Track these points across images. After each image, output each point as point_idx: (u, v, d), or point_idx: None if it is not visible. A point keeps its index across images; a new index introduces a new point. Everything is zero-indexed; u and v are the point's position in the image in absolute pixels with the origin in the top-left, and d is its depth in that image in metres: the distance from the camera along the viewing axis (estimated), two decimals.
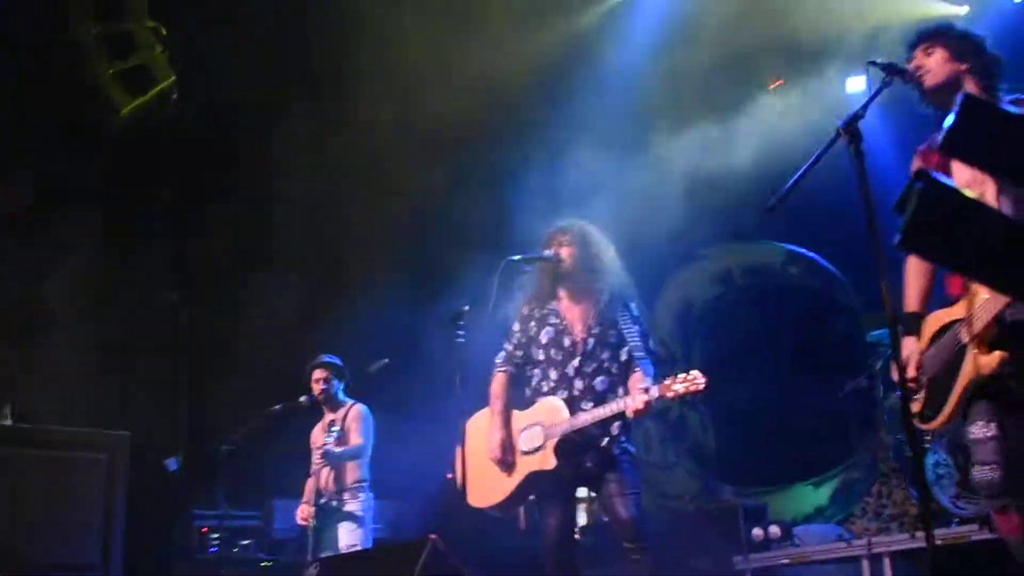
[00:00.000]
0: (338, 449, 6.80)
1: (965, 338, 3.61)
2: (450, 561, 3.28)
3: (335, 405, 7.14)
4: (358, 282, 8.61)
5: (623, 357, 5.00)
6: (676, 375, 4.62)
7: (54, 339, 7.92)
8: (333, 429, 6.84)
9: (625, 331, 4.93)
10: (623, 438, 4.95)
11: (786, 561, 6.71)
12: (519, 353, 5.22)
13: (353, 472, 6.99)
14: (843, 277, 9.37)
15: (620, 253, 5.18)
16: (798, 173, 3.34)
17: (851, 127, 3.23)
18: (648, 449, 9.63)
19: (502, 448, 5.01)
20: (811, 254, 9.65)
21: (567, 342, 5.03)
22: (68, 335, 7.97)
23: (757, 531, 7.06)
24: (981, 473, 3.64)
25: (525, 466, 4.96)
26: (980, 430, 3.65)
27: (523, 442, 5.01)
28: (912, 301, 3.89)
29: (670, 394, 4.58)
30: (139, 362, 8.51)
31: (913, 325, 3.84)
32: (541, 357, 5.10)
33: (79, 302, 8.10)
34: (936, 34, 3.76)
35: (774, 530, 7.02)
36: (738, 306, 9.89)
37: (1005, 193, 3.48)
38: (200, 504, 7.87)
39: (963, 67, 3.69)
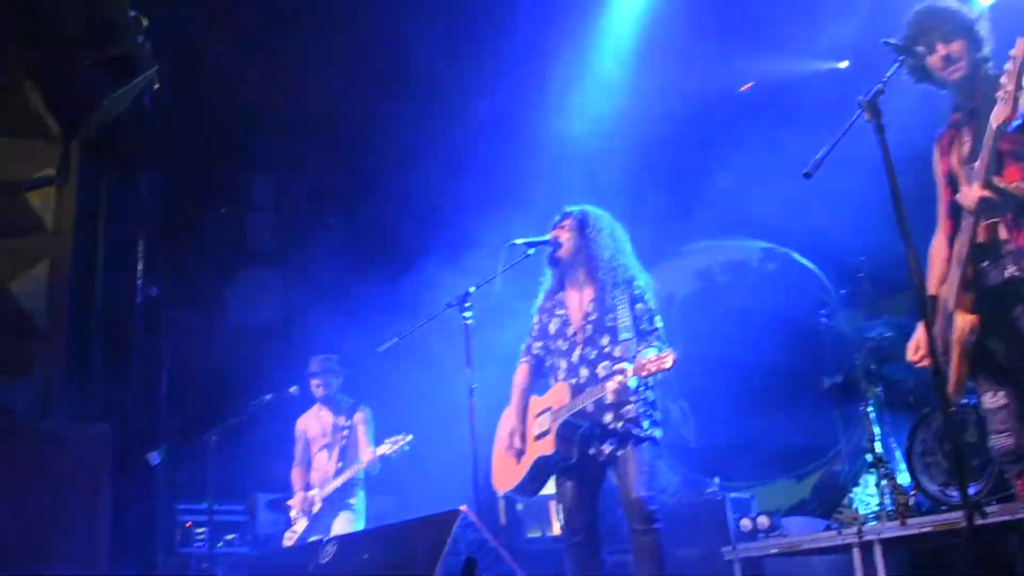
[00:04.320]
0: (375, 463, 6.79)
1: (950, 305, 3.69)
2: (481, 533, 3.26)
3: (336, 405, 7.12)
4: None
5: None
6: (648, 355, 4.64)
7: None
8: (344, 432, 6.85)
9: (620, 314, 4.93)
10: (643, 421, 4.93)
11: (775, 551, 6.74)
12: (538, 344, 5.30)
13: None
14: (821, 273, 9.47)
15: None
16: (831, 145, 3.37)
17: (872, 102, 3.28)
18: None
19: (510, 437, 5.05)
20: (787, 250, 9.76)
21: (570, 331, 5.07)
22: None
23: (745, 521, 7.10)
24: (997, 441, 3.73)
25: (534, 451, 4.99)
26: (990, 400, 3.76)
27: (536, 427, 5.05)
28: (933, 284, 3.95)
29: (644, 373, 4.59)
30: (121, 355, 8.39)
31: (931, 309, 3.89)
32: (553, 347, 5.17)
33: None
34: (959, 27, 3.81)
35: (762, 520, 7.06)
36: (718, 302, 9.97)
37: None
38: (185, 498, 7.78)
39: (982, 55, 3.77)
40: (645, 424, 4.94)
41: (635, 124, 9.03)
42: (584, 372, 4.97)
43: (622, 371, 4.64)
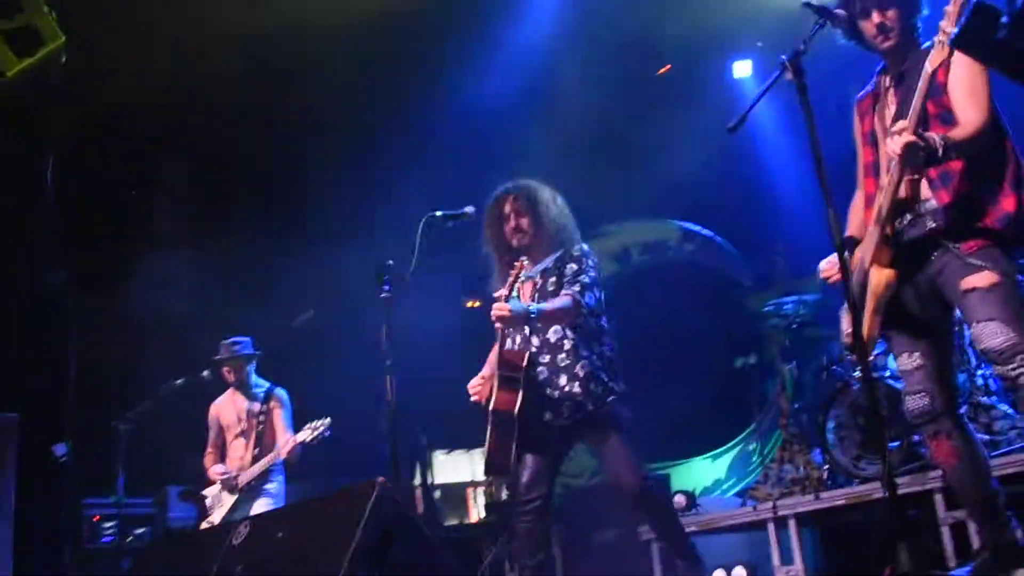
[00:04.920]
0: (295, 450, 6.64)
1: (868, 261, 3.73)
2: (399, 504, 3.19)
3: (249, 390, 6.94)
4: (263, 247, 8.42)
5: None
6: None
7: None
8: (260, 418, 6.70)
9: (561, 276, 4.87)
10: (597, 377, 4.79)
11: (693, 528, 6.77)
12: None
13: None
14: (737, 254, 9.59)
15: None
16: (753, 100, 3.39)
17: (795, 62, 3.30)
18: None
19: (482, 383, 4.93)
20: (706, 231, 9.86)
21: (521, 298, 4.96)
22: None
23: None
24: (912, 401, 3.77)
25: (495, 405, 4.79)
26: (906, 361, 3.80)
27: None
28: (852, 229, 4.01)
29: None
30: (26, 342, 8.14)
31: (851, 247, 3.91)
32: None
33: None
34: None
35: (679, 499, 7.08)
36: (635, 283, 10.04)
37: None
38: (92, 491, 7.56)
39: (914, 23, 3.80)
40: (602, 379, 4.81)
41: (551, 103, 9.04)
42: (535, 341, 4.85)
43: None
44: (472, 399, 4.93)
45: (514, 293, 4.63)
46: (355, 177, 8.72)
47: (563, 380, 4.77)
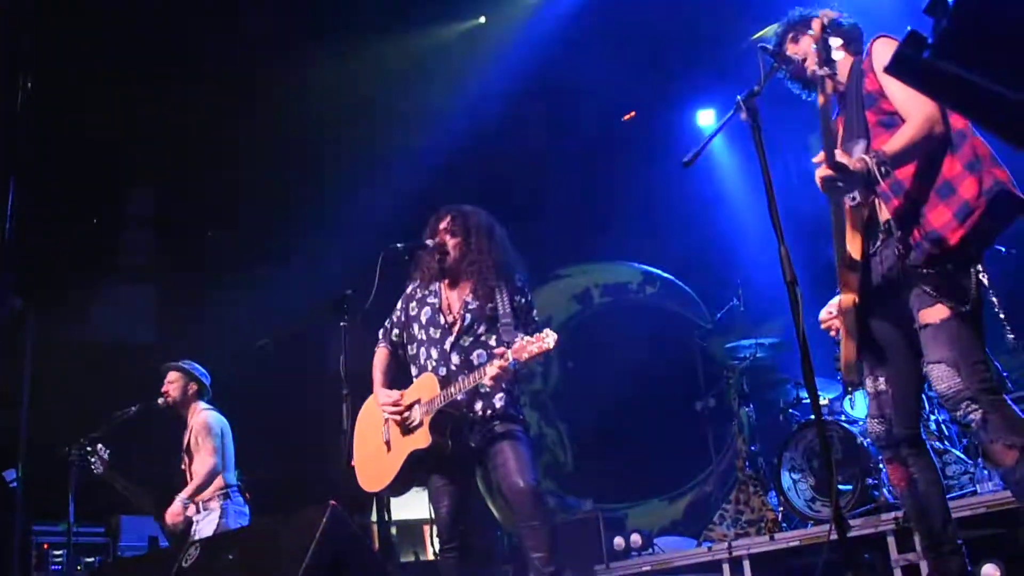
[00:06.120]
0: (188, 499, 6.52)
1: (839, 285, 3.79)
2: (351, 527, 3.18)
3: (184, 411, 6.88)
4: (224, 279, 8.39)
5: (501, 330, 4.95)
6: (526, 337, 4.54)
7: None
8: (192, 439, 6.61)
9: (500, 302, 4.90)
10: (512, 411, 4.88)
11: (648, 568, 6.78)
12: (396, 331, 5.19)
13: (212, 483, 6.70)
14: (696, 297, 9.68)
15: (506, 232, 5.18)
16: (707, 138, 3.45)
17: (749, 101, 3.36)
18: None
19: (392, 405, 4.94)
20: (666, 275, 9.94)
21: (444, 320, 5.00)
22: None
23: (618, 540, 7.13)
24: (871, 426, 3.85)
25: (405, 446, 4.86)
26: (870, 385, 3.85)
27: (404, 422, 4.93)
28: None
29: (525, 355, 4.46)
30: None
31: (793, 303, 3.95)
32: (422, 336, 5.05)
33: None
34: (800, 22, 3.93)
35: (635, 538, 7.09)
36: (596, 324, 10.09)
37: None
38: (42, 519, 7.44)
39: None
40: (513, 412, 4.88)
41: (510, 141, 9.13)
42: (456, 360, 4.89)
43: (502, 355, 4.54)
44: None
45: None
46: (318, 208, 8.74)
47: (479, 406, 4.84)
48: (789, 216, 3.37)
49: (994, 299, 4.92)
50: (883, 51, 3.49)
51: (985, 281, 3.59)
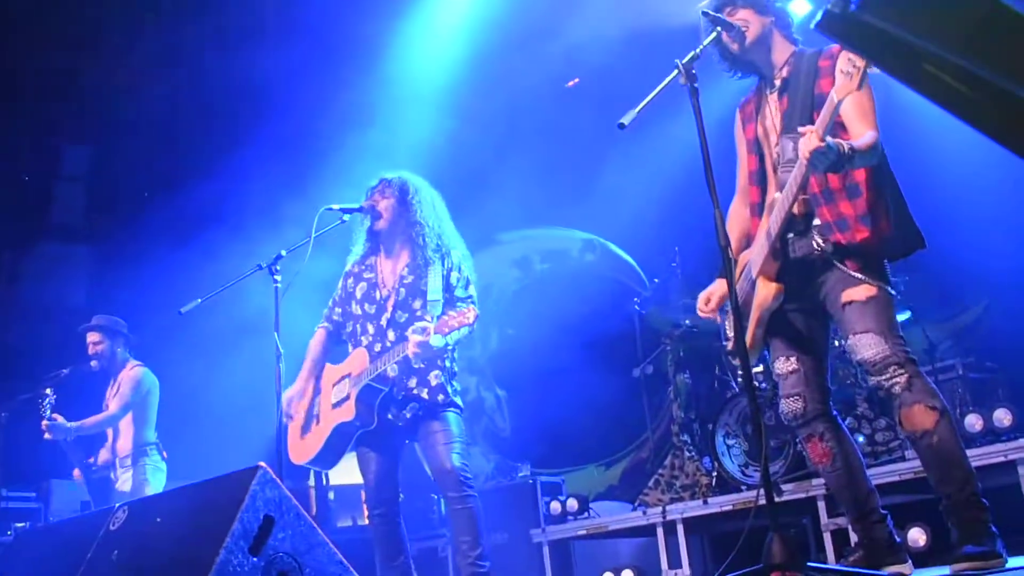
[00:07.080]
0: (71, 424, 6.41)
1: (755, 272, 3.82)
2: (280, 490, 3.15)
3: (115, 368, 6.77)
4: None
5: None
6: (451, 312, 4.59)
7: None
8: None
9: (431, 279, 4.88)
10: (447, 388, 4.90)
11: (583, 532, 6.84)
12: (337, 310, 5.21)
13: (126, 439, 6.59)
14: (635, 265, 9.71)
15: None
16: (645, 100, 3.42)
17: (688, 65, 3.36)
18: None
19: (296, 402, 4.99)
20: (606, 242, 9.96)
21: (379, 295, 4.99)
22: None
23: (554, 504, 7.17)
24: (787, 404, 3.89)
25: (332, 419, 4.88)
26: (782, 365, 3.91)
27: (334, 395, 4.95)
28: (733, 235, 4.07)
29: (446, 329, 4.51)
30: None
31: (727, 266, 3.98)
32: (359, 312, 5.05)
33: None
34: None
35: (571, 503, 7.14)
36: (536, 291, 10.09)
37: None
38: None
39: (769, 20, 3.88)
40: (449, 390, 4.90)
41: (457, 104, 9.05)
42: (392, 335, 4.89)
43: (423, 329, 4.53)
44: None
45: None
46: (256, 168, 8.61)
47: (413, 382, 4.85)
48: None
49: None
50: (848, 63, 3.40)
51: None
